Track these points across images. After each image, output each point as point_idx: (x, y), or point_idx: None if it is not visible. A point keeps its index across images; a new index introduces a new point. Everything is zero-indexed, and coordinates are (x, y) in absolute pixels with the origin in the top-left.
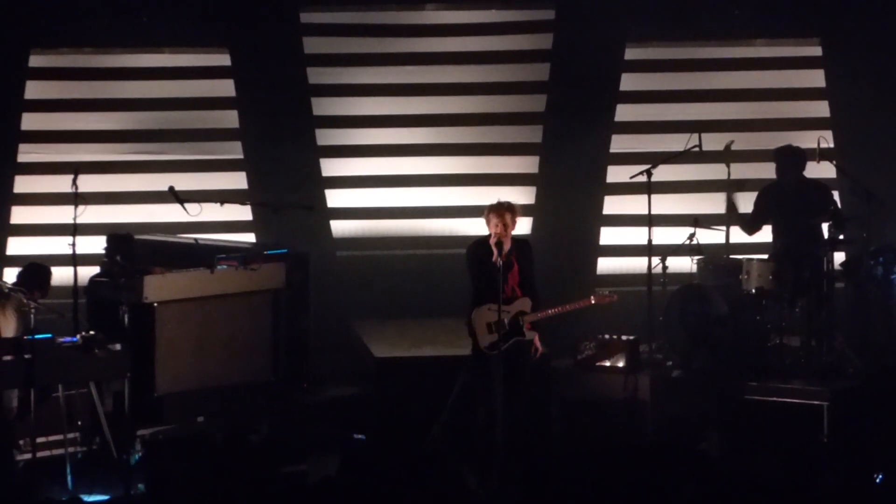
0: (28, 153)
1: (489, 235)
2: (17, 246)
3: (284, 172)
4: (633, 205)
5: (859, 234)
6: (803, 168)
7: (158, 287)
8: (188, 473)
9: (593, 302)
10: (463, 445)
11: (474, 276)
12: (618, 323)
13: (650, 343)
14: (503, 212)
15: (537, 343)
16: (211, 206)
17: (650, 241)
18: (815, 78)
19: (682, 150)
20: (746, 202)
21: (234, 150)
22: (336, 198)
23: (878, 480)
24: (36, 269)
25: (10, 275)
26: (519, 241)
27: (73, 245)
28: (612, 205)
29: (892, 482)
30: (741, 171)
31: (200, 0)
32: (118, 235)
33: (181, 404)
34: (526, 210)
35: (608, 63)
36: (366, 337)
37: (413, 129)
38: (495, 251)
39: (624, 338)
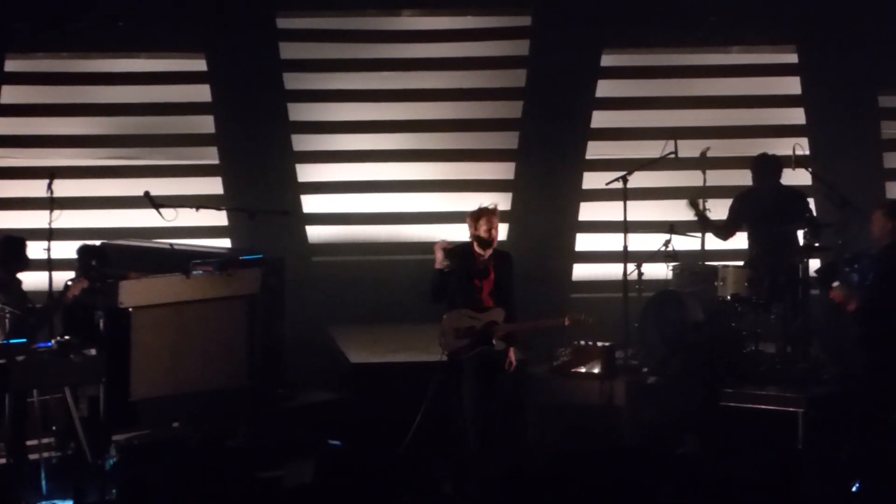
0: (3, 158)
1: (469, 242)
2: None
3: (260, 178)
4: (609, 211)
5: (834, 241)
6: (779, 175)
7: (134, 292)
8: (163, 479)
9: (567, 323)
10: (438, 451)
11: (450, 280)
12: (593, 329)
13: (626, 349)
14: (491, 217)
15: (511, 357)
16: (186, 212)
17: (626, 247)
18: (791, 85)
19: (658, 156)
20: (715, 207)
21: (210, 156)
22: (312, 203)
23: (854, 489)
24: (9, 241)
25: None
26: (500, 252)
27: (49, 250)
28: (588, 211)
29: (868, 490)
30: (717, 177)
31: (177, 5)
32: (90, 246)
33: (157, 409)
34: (502, 216)
35: (584, 69)
36: (341, 342)
37: (389, 135)
38: (439, 255)
39: (600, 344)
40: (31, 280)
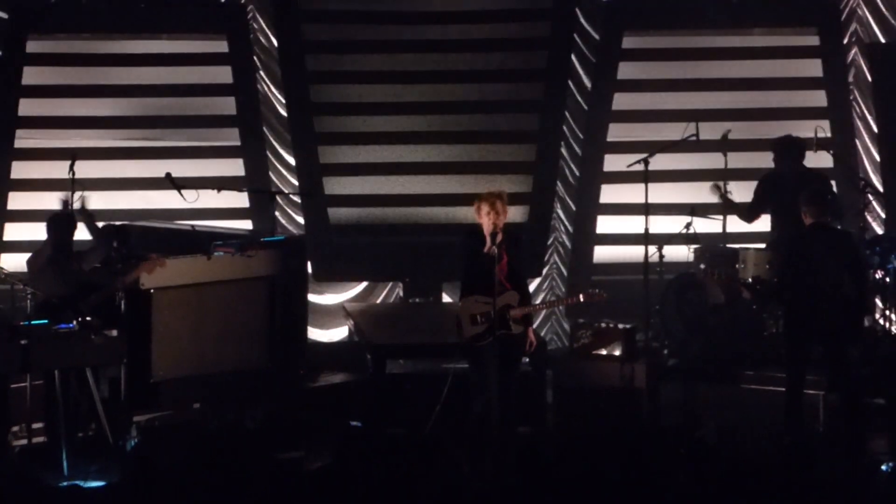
0: (25, 139)
1: (480, 226)
2: (14, 232)
3: (282, 159)
4: (630, 193)
5: (856, 224)
6: (802, 158)
7: (155, 273)
8: (183, 460)
9: (582, 300)
10: (458, 432)
11: (465, 266)
12: (614, 311)
13: (647, 331)
14: (494, 200)
15: (531, 336)
16: (208, 193)
17: (647, 229)
18: (813, 67)
19: (679, 139)
20: (739, 190)
21: (232, 137)
22: (333, 185)
23: (885, 468)
24: (53, 219)
25: (8, 261)
26: (509, 231)
27: None
28: (609, 193)
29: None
30: (738, 160)
31: None
32: (111, 226)
33: (177, 390)
34: (523, 198)
35: (606, 51)
36: (362, 323)
37: (411, 117)
38: (488, 241)
39: (620, 326)
40: None
